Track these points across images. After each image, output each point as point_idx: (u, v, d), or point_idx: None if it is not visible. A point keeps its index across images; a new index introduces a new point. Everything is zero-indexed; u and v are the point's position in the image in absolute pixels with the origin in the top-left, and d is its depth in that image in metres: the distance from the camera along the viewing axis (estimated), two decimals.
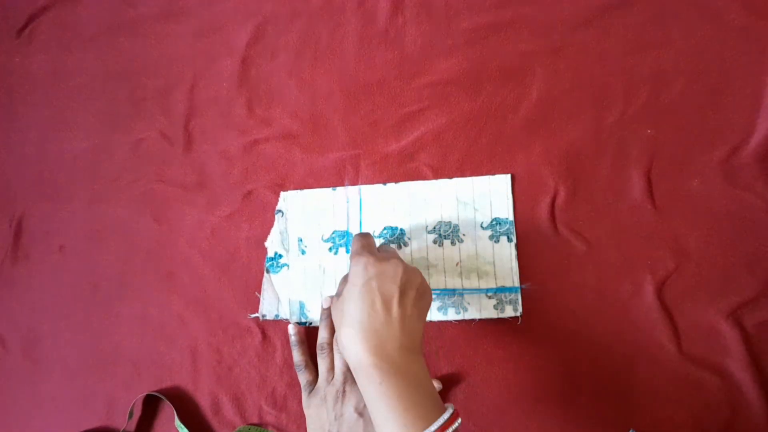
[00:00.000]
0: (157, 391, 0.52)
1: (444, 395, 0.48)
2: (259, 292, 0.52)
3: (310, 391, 0.47)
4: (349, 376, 0.46)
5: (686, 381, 0.46)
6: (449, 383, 0.48)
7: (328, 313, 0.49)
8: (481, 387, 0.48)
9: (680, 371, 0.46)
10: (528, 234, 0.49)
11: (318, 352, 0.48)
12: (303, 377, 0.48)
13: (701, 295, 0.46)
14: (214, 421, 0.51)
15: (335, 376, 0.46)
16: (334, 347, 0.47)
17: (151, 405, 0.53)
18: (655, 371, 0.46)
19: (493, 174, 0.50)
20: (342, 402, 0.45)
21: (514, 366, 0.48)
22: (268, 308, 0.51)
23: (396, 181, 0.52)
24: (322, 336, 0.48)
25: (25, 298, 0.57)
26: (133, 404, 0.52)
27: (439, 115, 0.52)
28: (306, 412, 0.47)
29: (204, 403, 0.52)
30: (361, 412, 0.44)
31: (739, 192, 0.47)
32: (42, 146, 0.59)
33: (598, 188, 0.49)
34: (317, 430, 0.46)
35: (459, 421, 0.35)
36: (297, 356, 0.49)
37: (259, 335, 0.52)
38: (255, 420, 0.51)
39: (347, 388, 0.45)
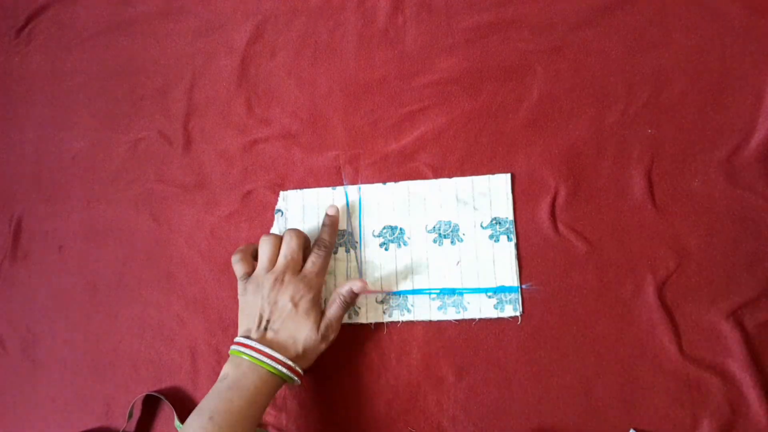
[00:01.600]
0: (156, 391, 0.52)
1: (445, 395, 0.48)
2: None
3: (246, 281, 0.47)
4: (291, 266, 0.45)
5: (686, 381, 0.45)
6: (449, 383, 0.48)
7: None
8: (481, 387, 0.48)
9: (681, 371, 0.46)
10: (528, 234, 0.49)
11: (262, 241, 0.47)
12: (241, 269, 0.47)
13: (702, 295, 0.46)
14: None
15: (278, 263, 0.45)
16: (285, 236, 0.46)
17: (150, 405, 0.53)
18: (656, 371, 0.46)
19: (494, 173, 0.50)
20: (279, 290, 0.44)
21: (514, 366, 0.48)
22: None
23: (396, 181, 0.51)
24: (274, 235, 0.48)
25: (23, 298, 0.57)
26: (133, 404, 0.51)
27: (439, 115, 0.52)
28: (240, 299, 0.47)
29: None
30: (297, 303, 0.44)
31: (740, 192, 0.46)
32: (41, 146, 0.59)
33: (599, 188, 0.48)
34: (250, 315, 0.45)
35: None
36: (246, 247, 0.48)
37: None
38: None
39: (286, 278, 0.44)
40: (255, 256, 0.48)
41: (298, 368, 0.44)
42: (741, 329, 0.45)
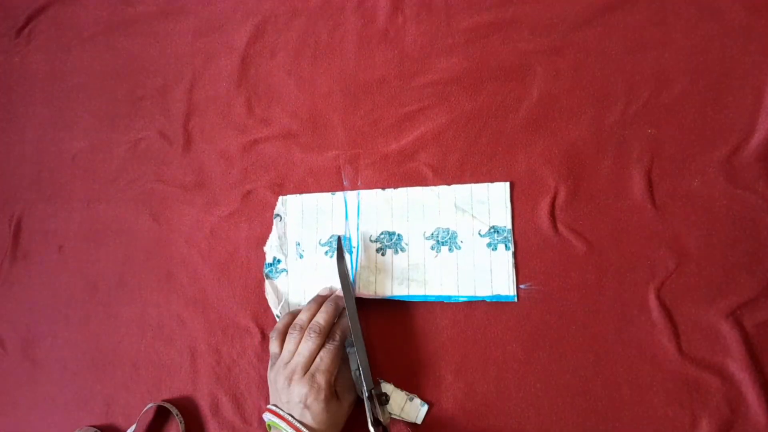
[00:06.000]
0: (167, 400, 0.52)
1: (443, 394, 0.48)
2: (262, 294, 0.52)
3: (274, 363, 0.47)
4: (299, 368, 0.44)
5: (685, 381, 0.45)
6: (447, 382, 0.48)
7: (319, 300, 0.48)
8: (481, 387, 0.48)
9: (680, 371, 0.46)
10: (528, 234, 0.49)
11: (290, 329, 0.47)
12: (271, 349, 0.48)
13: (701, 295, 0.46)
14: (213, 422, 0.51)
15: (293, 359, 0.45)
16: (308, 330, 0.46)
17: (159, 413, 0.53)
18: (655, 371, 0.46)
19: (493, 177, 0.50)
20: (288, 388, 0.44)
21: (513, 365, 0.48)
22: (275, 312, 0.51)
23: (395, 182, 0.51)
24: (302, 318, 0.47)
25: (24, 298, 0.57)
26: (142, 413, 0.52)
27: (439, 115, 0.52)
28: (268, 375, 0.47)
29: (203, 403, 0.52)
30: (308, 405, 0.43)
31: (740, 192, 0.46)
32: (41, 146, 0.59)
33: (599, 188, 0.48)
34: (274, 395, 0.46)
35: None
36: (283, 326, 0.48)
37: (258, 335, 0.52)
38: (255, 420, 0.51)
39: (295, 378, 0.44)
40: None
41: None
42: (740, 329, 0.45)
